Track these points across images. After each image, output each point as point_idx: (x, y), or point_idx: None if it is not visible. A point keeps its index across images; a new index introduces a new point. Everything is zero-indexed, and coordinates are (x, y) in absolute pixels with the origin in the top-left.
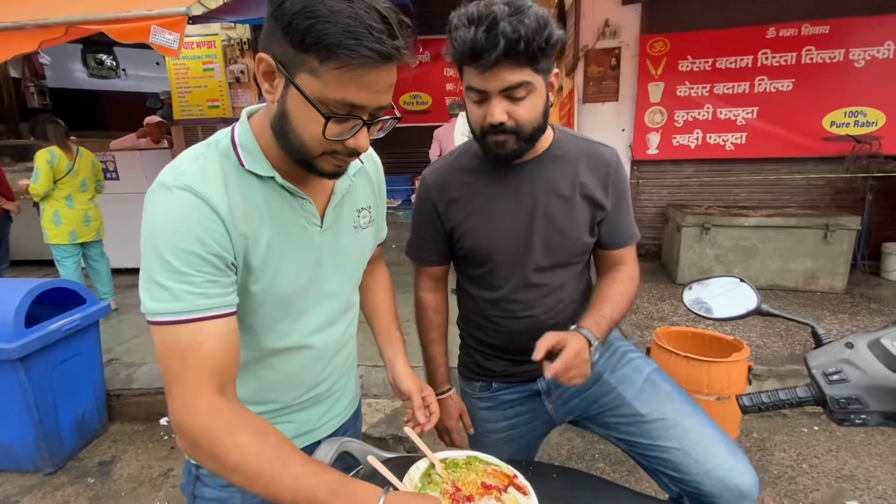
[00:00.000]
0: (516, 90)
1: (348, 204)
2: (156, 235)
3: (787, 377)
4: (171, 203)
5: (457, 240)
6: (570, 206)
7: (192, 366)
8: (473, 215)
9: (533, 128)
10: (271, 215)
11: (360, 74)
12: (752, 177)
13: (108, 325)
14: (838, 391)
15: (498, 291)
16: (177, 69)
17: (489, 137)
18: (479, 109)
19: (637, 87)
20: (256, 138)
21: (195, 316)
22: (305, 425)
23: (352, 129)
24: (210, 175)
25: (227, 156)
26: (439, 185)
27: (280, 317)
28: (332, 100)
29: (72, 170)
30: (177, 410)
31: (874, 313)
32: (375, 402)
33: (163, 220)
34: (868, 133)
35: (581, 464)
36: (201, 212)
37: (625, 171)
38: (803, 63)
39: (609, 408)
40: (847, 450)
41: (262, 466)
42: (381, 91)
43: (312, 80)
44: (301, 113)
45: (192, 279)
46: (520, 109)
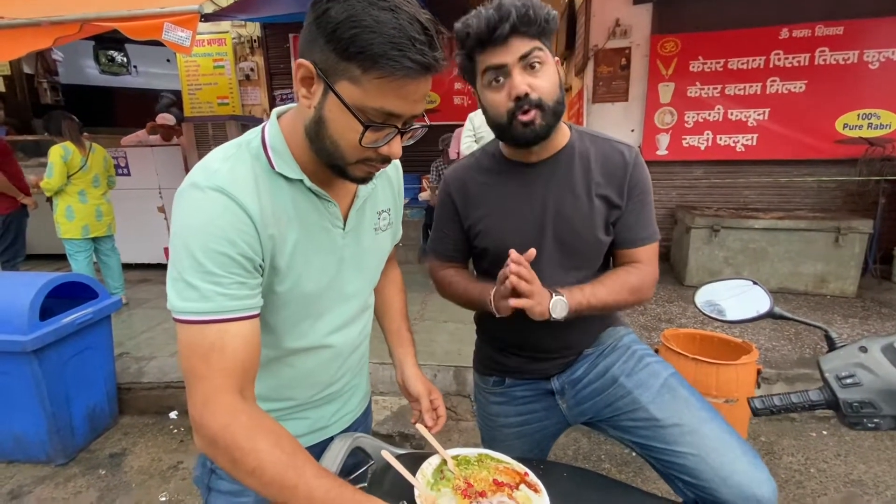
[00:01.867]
0: (532, 55)
1: (370, 206)
2: (187, 235)
3: (796, 380)
4: (204, 204)
5: (473, 237)
6: (585, 204)
7: (215, 366)
8: (489, 214)
9: (554, 100)
10: (298, 217)
11: (401, 85)
12: (762, 179)
13: (119, 320)
14: (851, 395)
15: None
16: (187, 66)
17: (516, 119)
18: (500, 93)
19: (647, 87)
20: (287, 140)
21: (222, 317)
22: (319, 422)
23: (386, 136)
24: (241, 176)
25: (258, 157)
26: (459, 183)
27: (302, 317)
28: (371, 108)
29: (85, 165)
30: (197, 408)
31: (885, 318)
32: (382, 399)
33: (195, 220)
34: (881, 136)
35: (587, 464)
36: (233, 213)
37: (645, 169)
38: (816, 64)
39: (624, 411)
40: (856, 455)
41: (276, 474)
42: (417, 101)
43: (353, 88)
44: (339, 120)
45: (221, 280)
46: (539, 80)
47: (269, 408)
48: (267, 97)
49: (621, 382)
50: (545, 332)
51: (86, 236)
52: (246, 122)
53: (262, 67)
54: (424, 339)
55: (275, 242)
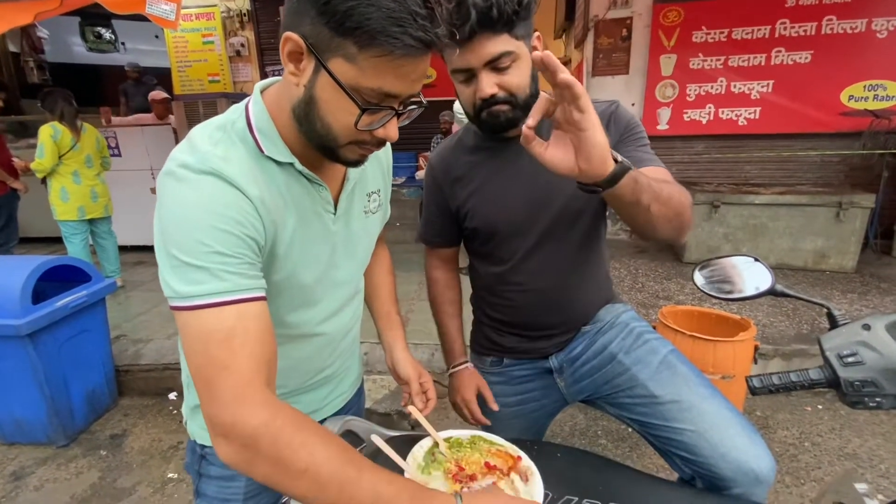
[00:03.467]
0: (500, 60)
1: (360, 189)
2: (185, 216)
3: (793, 357)
4: (201, 185)
5: (463, 218)
6: None
7: (240, 352)
8: (477, 192)
9: (526, 94)
10: (293, 202)
11: (400, 64)
12: (764, 153)
13: (115, 303)
14: (853, 374)
15: (505, 265)
16: (176, 42)
17: (484, 113)
18: (467, 89)
19: (648, 59)
20: (273, 120)
21: (240, 297)
22: (311, 405)
23: (382, 118)
24: (235, 160)
25: (245, 140)
26: (443, 165)
27: (296, 305)
28: (367, 88)
29: (76, 145)
30: (227, 406)
31: (884, 293)
32: (380, 378)
33: (193, 200)
34: (887, 108)
35: (584, 440)
36: (235, 195)
37: (628, 113)
38: (823, 33)
39: (622, 388)
40: (851, 429)
41: (335, 470)
42: (416, 80)
43: (348, 66)
44: (332, 101)
45: (230, 260)
46: (508, 78)
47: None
48: (259, 74)
49: (620, 359)
50: (543, 310)
51: (81, 218)
52: (238, 99)
53: (253, 42)
54: (422, 320)
55: (276, 228)
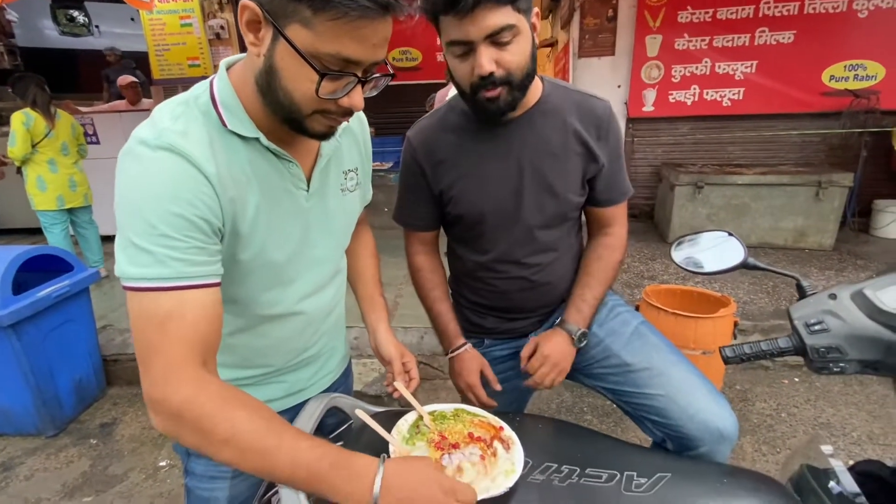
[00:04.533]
0: (501, 34)
1: (335, 166)
2: (138, 197)
3: (771, 332)
4: (156, 162)
5: (446, 203)
6: (561, 163)
7: (173, 336)
8: (463, 178)
9: (524, 74)
10: (258, 179)
11: (357, 27)
12: (747, 134)
13: (101, 292)
14: (819, 340)
15: (489, 254)
16: (153, 25)
17: (480, 94)
18: (464, 64)
19: (634, 40)
20: (238, 94)
21: (180, 283)
22: (297, 385)
23: (345, 86)
24: (194, 136)
25: (208, 114)
26: (426, 146)
27: (269, 285)
28: (326, 54)
29: (50, 133)
30: (156, 384)
31: (860, 269)
32: (370, 361)
33: (147, 180)
34: (867, 87)
35: (570, 416)
36: (189, 173)
37: (619, 125)
38: (806, 13)
39: (597, 359)
40: (825, 399)
41: (255, 439)
42: (376, 45)
43: (304, 31)
44: (291, 68)
45: (177, 244)
46: (507, 55)
47: (245, 375)
48: None
49: (594, 332)
50: (522, 294)
51: (61, 207)
52: None
53: (233, 25)
54: (411, 303)
55: (235, 206)
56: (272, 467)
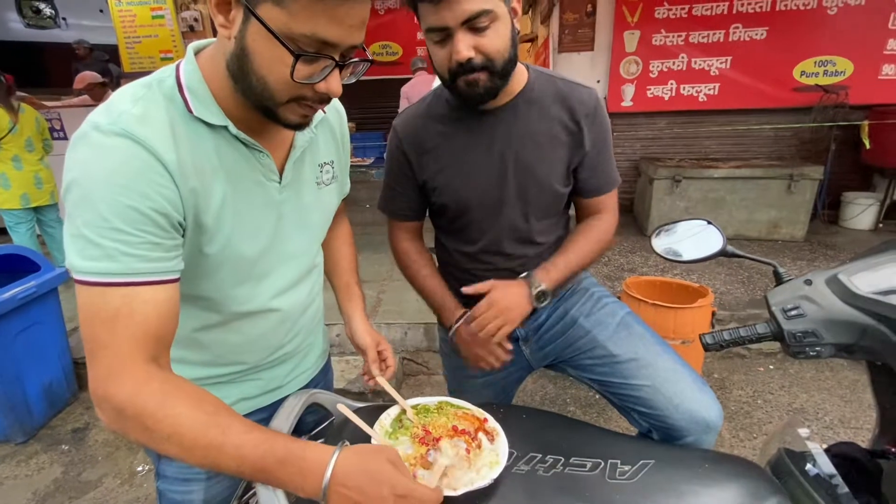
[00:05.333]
0: (478, 20)
1: (310, 158)
2: (90, 185)
3: (747, 320)
4: (110, 150)
5: (430, 192)
6: (545, 152)
7: (121, 334)
8: (448, 167)
9: (504, 59)
10: (224, 169)
11: (332, 6)
12: (723, 128)
13: (70, 293)
14: (795, 325)
15: (475, 245)
16: (122, 17)
17: (460, 79)
18: (442, 50)
19: (613, 35)
20: (206, 80)
21: (129, 280)
22: (273, 382)
23: (322, 70)
24: (155, 121)
25: (172, 99)
26: (411, 135)
27: (240, 280)
28: (301, 35)
29: (14, 128)
30: (100, 380)
31: (830, 259)
32: (353, 358)
33: (99, 168)
34: (836, 83)
35: (553, 408)
36: (145, 162)
37: (605, 113)
38: (777, 10)
39: (583, 350)
40: (799, 385)
41: (198, 435)
42: (353, 27)
43: (277, 11)
44: (264, 51)
45: (129, 238)
46: (485, 41)
47: (218, 373)
48: None
49: (580, 323)
50: None
51: (26, 206)
52: None
53: (207, 17)
54: (394, 299)
55: (197, 197)
56: (217, 463)
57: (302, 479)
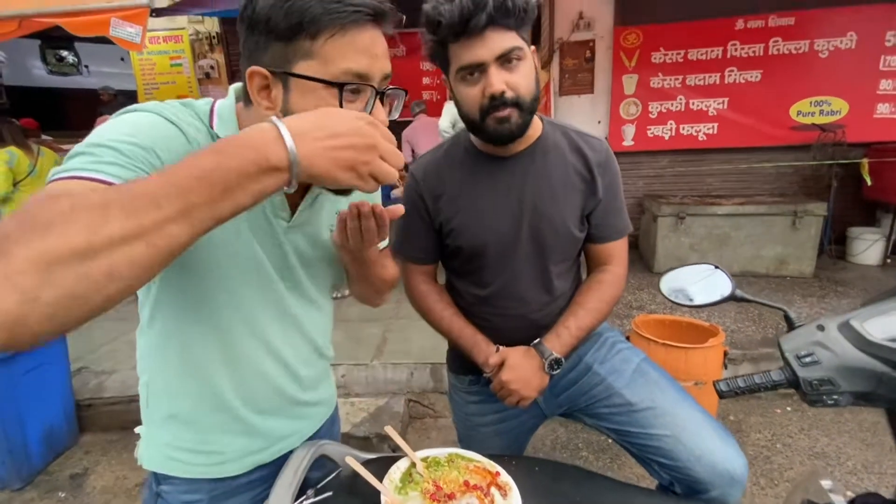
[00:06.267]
0: (511, 54)
1: (328, 205)
2: (102, 129)
3: (760, 360)
4: (139, 116)
5: (446, 235)
6: (561, 198)
7: None
8: (463, 211)
9: (532, 97)
10: None
11: (354, 38)
12: (724, 166)
13: (77, 333)
14: (811, 373)
15: (488, 288)
16: (142, 65)
17: (489, 117)
18: (473, 88)
19: (612, 79)
20: (237, 113)
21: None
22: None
23: (367, 103)
24: (181, 115)
25: (199, 116)
26: (428, 179)
27: (241, 313)
28: (338, 73)
29: (34, 170)
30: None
31: (841, 296)
32: (358, 400)
33: (123, 120)
34: (832, 122)
35: (565, 453)
36: (168, 128)
37: (615, 163)
38: (770, 54)
39: (599, 398)
40: (818, 428)
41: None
42: (380, 55)
43: (310, 63)
44: (309, 102)
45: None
46: (517, 77)
47: (216, 420)
48: None
49: (595, 370)
50: (523, 333)
51: None
52: None
53: (223, 65)
54: (399, 338)
55: None
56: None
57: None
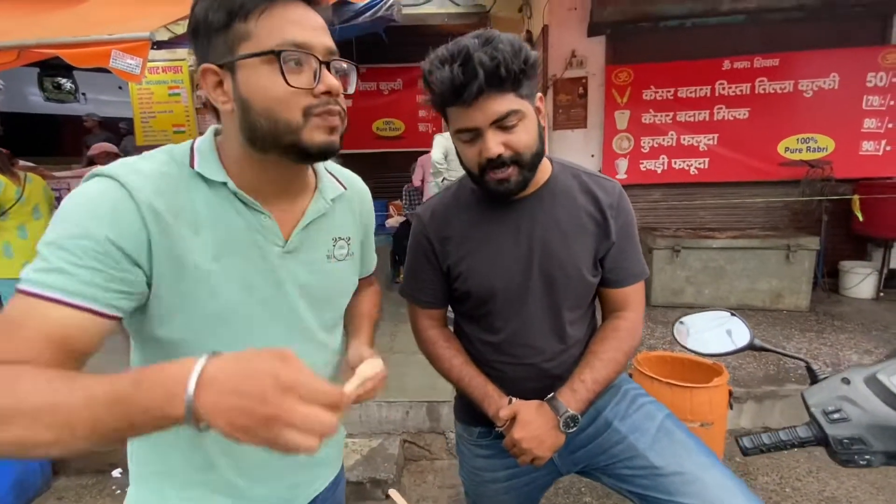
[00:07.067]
0: (506, 119)
1: (324, 230)
2: (63, 211)
3: (764, 399)
4: (93, 186)
5: (454, 279)
6: (572, 241)
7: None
8: (472, 254)
9: (532, 154)
10: (213, 218)
11: (283, 11)
12: (715, 200)
13: None
14: (840, 431)
15: (499, 334)
16: (140, 94)
17: (488, 175)
18: (472, 148)
19: (604, 114)
20: (217, 147)
21: (53, 295)
22: (277, 491)
23: (313, 73)
24: (148, 170)
25: (178, 158)
26: (435, 221)
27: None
28: (274, 47)
29: (21, 197)
30: None
31: (839, 330)
32: (352, 442)
33: (77, 198)
34: (820, 158)
35: (567, 498)
36: (118, 198)
37: (629, 205)
38: (757, 93)
39: (620, 458)
40: (827, 471)
41: (41, 398)
42: (316, 29)
43: (248, 44)
44: (256, 83)
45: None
46: (514, 137)
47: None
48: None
49: (615, 427)
50: (537, 383)
51: None
52: None
53: None
54: (395, 374)
55: (174, 238)
56: (68, 420)
57: (165, 397)
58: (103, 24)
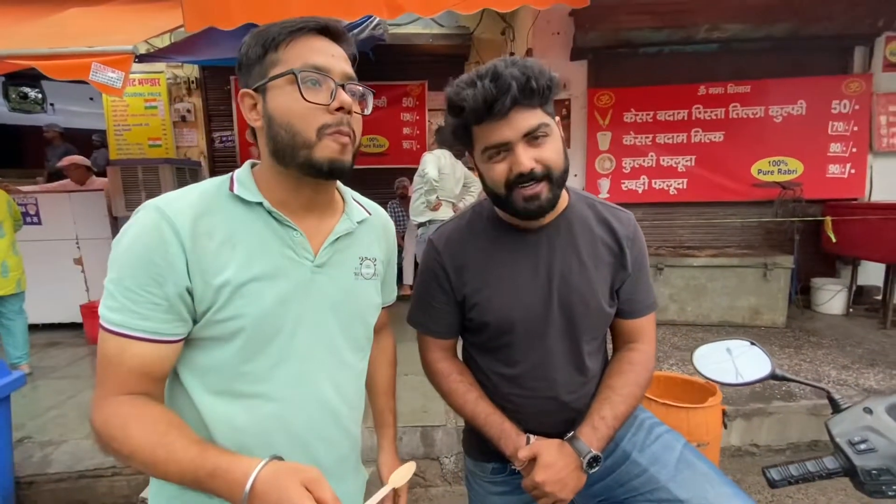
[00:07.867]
0: (537, 131)
1: (352, 249)
2: (118, 247)
3: (752, 416)
4: (139, 219)
5: (469, 309)
6: (591, 271)
7: (109, 376)
8: (490, 284)
9: (561, 169)
10: (250, 236)
11: (306, 42)
12: (694, 219)
13: (20, 395)
14: (868, 462)
15: (517, 367)
16: (114, 106)
17: (517, 191)
18: (499, 165)
19: (587, 135)
20: (253, 174)
21: (123, 331)
22: None
23: (329, 93)
24: (189, 198)
25: (217, 183)
26: (450, 249)
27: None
28: (297, 67)
29: None
30: (92, 407)
31: (815, 346)
32: None
33: (128, 235)
34: (791, 180)
35: None
36: (161, 231)
37: (643, 237)
38: (731, 117)
39: (641, 491)
40: (815, 487)
41: (148, 455)
42: (336, 56)
43: (277, 68)
44: (280, 101)
45: (133, 296)
46: (545, 152)
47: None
48: (205, 139)
49: (634, 459)
50: (553, 417)
51: None
52: (182, 165)
53: (200, 108)
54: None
55: (210, 256)
56: (167, 475)
57: (229, 491)
58: (83, 35)
